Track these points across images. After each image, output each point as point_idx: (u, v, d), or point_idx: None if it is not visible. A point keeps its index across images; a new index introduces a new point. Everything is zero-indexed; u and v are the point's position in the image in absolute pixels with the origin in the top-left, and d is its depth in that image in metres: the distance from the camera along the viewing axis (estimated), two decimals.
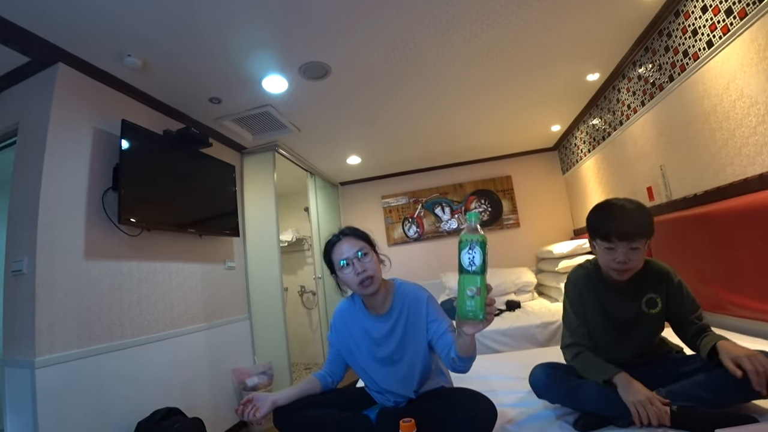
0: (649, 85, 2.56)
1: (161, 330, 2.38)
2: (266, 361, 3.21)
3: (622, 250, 1.22)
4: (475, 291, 0.88)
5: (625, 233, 1.21)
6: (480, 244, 0.89)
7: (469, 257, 0.89)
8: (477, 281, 0.88)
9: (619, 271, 1.26)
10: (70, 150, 2.02)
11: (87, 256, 2.01)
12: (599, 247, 1.29)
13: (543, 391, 1.35)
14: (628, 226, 1.21)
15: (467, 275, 0.89)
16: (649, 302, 1.33)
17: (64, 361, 1.80)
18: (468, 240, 0.90)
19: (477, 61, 2.59)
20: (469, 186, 4.86)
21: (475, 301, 0.88)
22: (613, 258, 1.25)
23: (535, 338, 2.87)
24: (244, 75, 2.40)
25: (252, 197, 3.47)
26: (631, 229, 1.21)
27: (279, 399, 1.36)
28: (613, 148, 3.26)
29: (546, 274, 4.10)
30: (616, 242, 1.22)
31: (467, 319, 0.90)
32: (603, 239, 1.26)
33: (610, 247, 1.25)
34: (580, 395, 1.24)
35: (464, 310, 0.89)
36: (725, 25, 1.86)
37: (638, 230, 1.21)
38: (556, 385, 1.29)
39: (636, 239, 1.21)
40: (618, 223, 1.23)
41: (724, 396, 1.11)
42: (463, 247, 0.90)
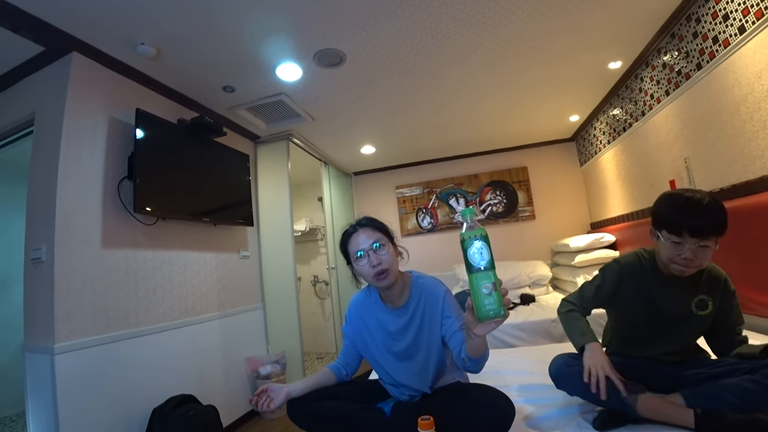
0: (674, 73, 2.46)
1: (176, 318, 2.41)
2: (279, 350, 3.23)
3: (691, 246, 1.14)
4: (491, 287, 0.85)
5: (698, 229, 1.12)
6: (483, 238, 0.86)
7: (476, 255, 0.86)
8: (490, 277, 0.85)
9: (683, 267, 1.19)
10: (86, 139, 2.03)
11: (104, 245, 2.03)
12: (665, 238, 1.20)
13: (562, 382, 1.34)
14: (702, 221, 1.12)
15: (479, 273, 0.86)
16: (699, 303, 1.27)
17: (82, 347, 1.83)
18: (471, 237, 0.86)
19: (497, 52, 2.53)
20: (485, 177, 4.79)
21: (493, 297, 0.85)
22: (678, 253, 1.17)
23: (550, 333, 2.83)
24: (258, 63, 2.37)
25: (266, 187, 3.47)
26: (705, 225, 1.12)
27: (293, 390, 1.36)
28: (634, 139, 3.17)
29: (561, 268, 4.04)
30: (687, 237, 1.13)
31: (488, 318, 0.86)
32: (672, 232, 1.16)
33: (678, 242, 1.16)
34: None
35: (484, 309, 0.85)
36: (759, 9, 1.76)
37: (712, 227, 1.12)
38: (575, 376, 1.25)
39: (708, 237, 1.12)
40: (693, 217, 1.13)
41: (754, 401, 1.06)
42: (467, 245, 0.86)
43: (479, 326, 0.93)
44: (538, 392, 1.57)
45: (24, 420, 2.99)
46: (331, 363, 1.53)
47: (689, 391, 1.15)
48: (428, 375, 1.34)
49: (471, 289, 0.87)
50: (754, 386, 1.06)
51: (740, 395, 1.07)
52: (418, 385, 1.35)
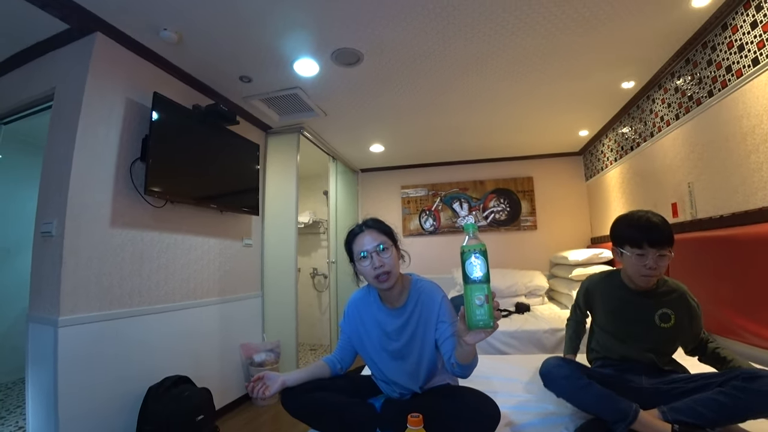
0: (686, 98, 2.49)
1: (177, 300, 2.46)
2: (274, 338, 3.28)
3: (652, 256, 1.34)
4: (483, 299, 0.89)
5: (655, 241, 1.34)
6: (482, 252, 0.90)
7: (473, 267, 0.90)
8: (484, 289, 0.89)
9: (648, 276, 1.38)
10: (103, 118, 2.07)
11: (112, 224, 2.07)
12: (629, 254, 1.40)
13: (550, 383, 1.40)
14: (659, 234, 1.35)
15: (474, 285, 0.90)
16: (662, 316, 1.43)
17: (85, 322, 1.88)
18: (471, 250, 0.90)
19: (513, 65, 2.57)
20: (490, 184, 4.82)
21: (484, 309, 0.89)
22: (643, 264, 1.36)
23: (542, 343, 2.87)
24: (277, 56, 2.41)
25: (274, 177, 3.51)
26: (661, 237, 1.34)
27: (288, 380, 1.40)
28: (640, 159, 3.19)
29: (558, 280, 4.07)
30: (647, 248, 1.35)
31: (478, 328, 0.90)
32: (634, 246, 1.38)
33: (642, 254, 1.36)
34: (585, 394, 1.29)
35: (474, 319, 0.89)
36: None
37: (667, 238, 1.35)
38: (565, 378, 1.34)
39: (664, 246, 1.35)
40: (650, 232, 1.35)
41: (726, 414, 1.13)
42: (466, 257, 0.90)
43: (469, 335, 0.96)
44: (522, 400, 1.61)
45: (20, 388, 3.07)
46: (327, 356, 1.57)
47: (667, 407, 1.21)
48: (420, 375, 1.37)
49: (464, 299, 0.91)
50: (725, 398, 1.13)
51: (713, 408, 1.14)
52: (409, 384, 1.39)
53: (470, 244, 0.91)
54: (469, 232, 0.93)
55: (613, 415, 1.22)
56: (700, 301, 1.47)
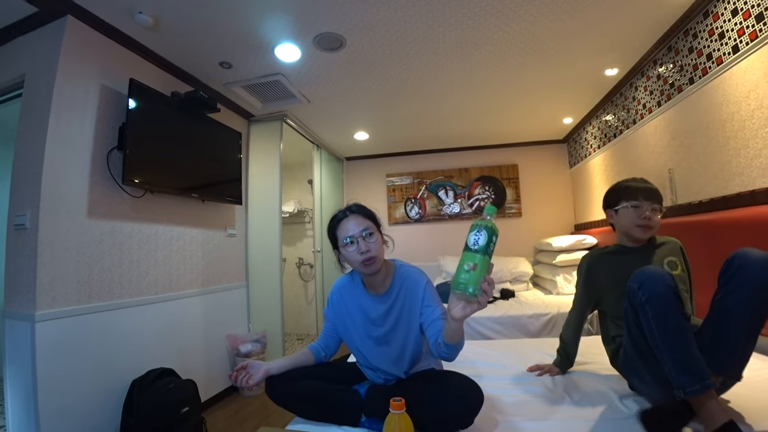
0: (667, 85, 2.51)
1: (159, 292, 2.42)
2: (260, 329, 3.26)
3: (647, 207, 1.43)
4: (471, 266, 0.91)
5: (649, 193, 1.46)
6: (489, 230, 0.92)
7: (474, 238, 0.93)
8: (475, 258, 0.91)
9: (645, 227, 1.44)
10: (77, 106, 2.00)
11: (90, 215, 2.02)
12: (625, 209, 1.48)
13: (655, 284, 1.10)
14: (650, 187, 1.48)
15: (468, 252, 0.93)
16: (670, 264, 1.47)
17: (64, 316, 1.84)
18: (480, 225, 0.94)
19: (498, 50, 2.55)
20: (475, 171, 4.83)
21: (470, 275, 0.91)
22: (639, 215, 1.44)
23: (527, 328, 2.92)
24: (258, 41, 2.35)
25: (257, 166, 3.45)
26: (653, 192, 1.46)
27: (272, 368, 1.39)
28: (623, 146, 3.23)
29: (543, 266, 4.13)
30: (642, 201, 1.44)
31: (457, 289, 0.92)
32: (630, 198, 1.47)
33: (637, 205, 1.45)
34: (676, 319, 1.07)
35: (457, 281, 0.92)
36: (754, 31, 1.80)
37: (657, 196, 1.47)
38: (669, 287, 1.10)
39: (656, 201, 1.45)
40: (644, 186, 1.48)
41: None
42: (473, 229, 0.94)
43: (456, 308, 0.96)
44: (506, 383, 1.63)
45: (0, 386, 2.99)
46: (311, 344, 1.57)
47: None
48: (404, 361, 1.37)
49: (458, 264, 0.94)
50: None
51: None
52: (394, 370, 1.39)
53: (482, 221, 0.94)
54: (489, 213, 0.96)
55: (689, 371, 1.01)
56: None
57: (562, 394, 1.47)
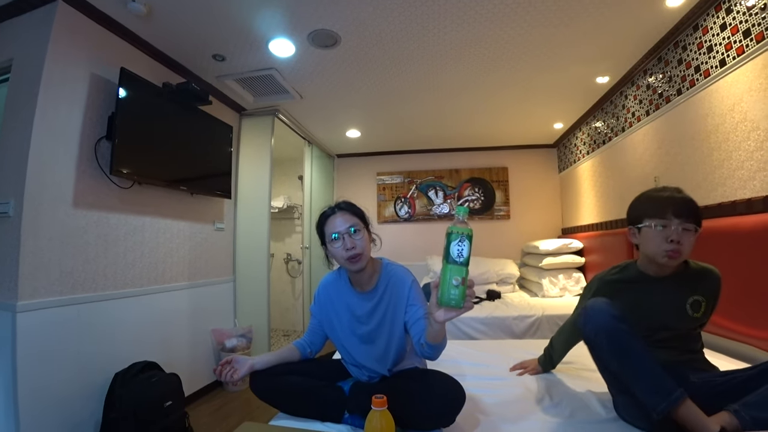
0: (656, 95, 2.56)
1: (145, 285, 2.39)
2: (247, 324, 3.25)
3: (676, 228, 1.17)
4: (460, 281, 0.91)
5: (680, 209, 1.19)
6: (468, 237, 0.93)
7: (458, 249, 0.92)
8: (463, 272, 0.91)
9: (672, 252, 1.18)
10: (65, 93, 1.96)
11: (75, 205, 1.99)
12: (650, 229, 1.22)
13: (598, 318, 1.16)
14: (683, 202, 1.21)
15: (454, 265, 0.92)
16: (694, 305, 1.25)
17: (47, 307, 1.81)
18: (458, 232, 0.93)
19: (492, 54, 2.57)
20: (465, 173, 4.86)
21: (459, 290, 0.91)
22: (666, 236, 1.18)
23: (511, 330, 2.95)
24: (252, 35, 2.33)
25: (247, 160, 3.43)
26: (685, 208, 1.20)
27: (257, 363, 1.40)
28: (611, 153, 3.28)
29: (529, 269, 4.17)
30: (672, 218, 1.18)
31: (448, 305, 0.92)
32: (657, 216, 1.21)
33: (664, 224, 1.19)
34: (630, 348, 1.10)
35: (447, 297, 0.92)
36: (741, 46, 1.85)
37: (692, 212, 1.20)
38: (614, 318, 1.13)
39: (689, 219, 1.18)
40: (675, 200, 1.21)
41: None
42: (453, 238, 0.93)
43: (440, 312, 0.97)
44: (489, 383, 1.65)
45: None
46: (297, 340, 1.57)
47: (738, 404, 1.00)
48: (388, 359, 1.38)
49: (441, 276, 0.93)
50: None
51: None
52: (378, 367, 1.40)
53: (459, 227, 0.93)
54: (459, 216, 0.95)
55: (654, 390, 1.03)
56: None
57: (543, 395, 1.49)
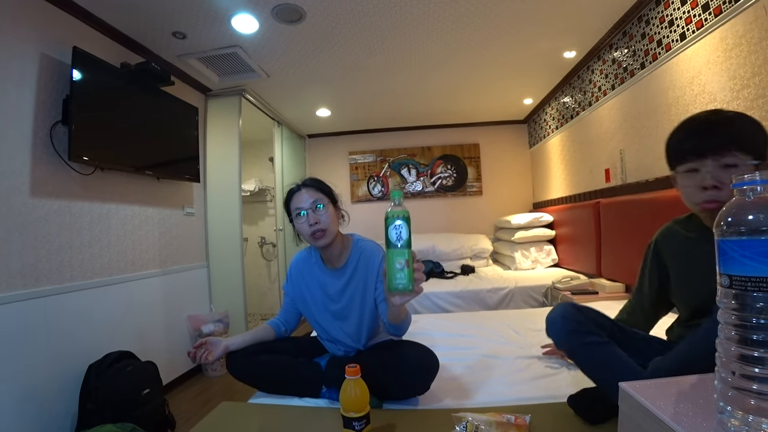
0: (621, 69, 2.61)
1: (114, 273, 2.33)
2: (223, 309, 3.22)
3: (709, 170, 0.90)
4: (403, 263, 0.91)
5: (707, 144, 0.90)
6: (405, 219, 0.93)
7: (396, 232, 0.92)
8: (405, 254, 0.92)
9: (707, 203, 0.92)
10: (12, 76, 1.83)
11: (33, 193, 1.89)
12: (680, 176, 0.98)
13: (552, 330, 1.15)
14: (708, 134, 0.91)
15: (395, 250, 0.92)
16: None
17: (9, 301, 1.73)
18: (394, 216, 0.92)
19: (459, 24, 2.54)
20: (437, 150, 4.88)
21: (404, 273, 0.91)
22: (699, 184, 0.92)
23: (485, 302, 3.04)
24: (213, 10, 2.23)
25: (215, 142, 3.33)
26: (716, 138, 0.89)
27: (231, 344, 1.40)
28: (579, 127, 3.35)
29: (502, 243, 4.27)
30: (698, 160, 0.92)
31: (397, 290, 0.93)
32: (679, 160, 0.97)
33: (694, 168, 0.93)
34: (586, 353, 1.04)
35: (394, 282, 0.92)
36: (700, 20, 1.90)
37: (725, 137, 0.88)
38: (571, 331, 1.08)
39: (723, 151, 0.88)
40: (696, 133, 0.93)
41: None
42: (390, 223, 0.93)
43: (396, 297, 0.99)
44: (460, 352, 1.71)
45: None
46: (271, 319, 1.58)
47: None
48: (361, 334, 1.41)
49: (386, 262, 0.93)
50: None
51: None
52: (352, 342, 1.43)
53: (395, 210, 0.93)
54: (395, 199, 0.95)
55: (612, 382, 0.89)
56: (628, 258, 1.37)
57: (515, 358, 1.55)
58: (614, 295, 2.57)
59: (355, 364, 1.02)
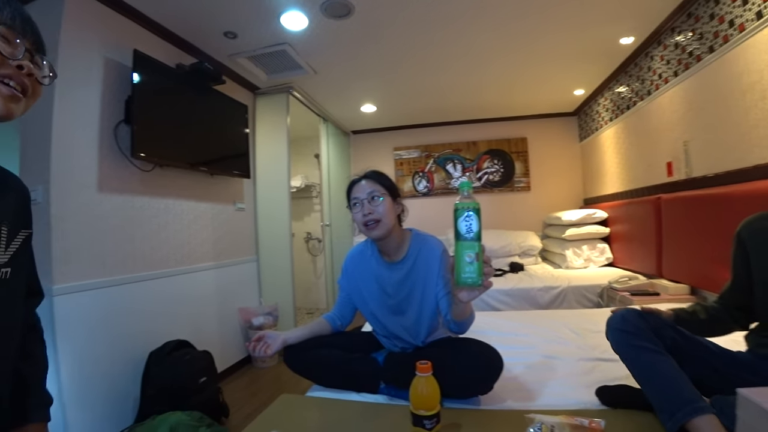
0: (685, 54, 2.43)
1: (171, 266, 2.43)
2: (272, 302, 3.30)
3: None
4: (473, 257, 0.88)
5: None
6: (475, 211, 0.90)
7: (466, 225, 0.89)
8: (475, 247, 0.88)
9: None
10: (81, 79, 1.96)
11: (100, 189, 2.01)
12: None
13: (609, 328, 1.13)
14: None
15: (465, 242, 0.89)
16: None
17: (80, 290, 1.86)
18: (464, 207, 0.90)
19: (507, 13, 2.45)
20: (483, 144, 4.77)
21: (474, 267, 0.88)
22: None
23: (536, 301, 2.94)
24: (263, 8, 2.28)
25: (264, 139, 3.42)
26: None
27: (289, 338, 1.42)
28: (636, 118, 3.16)
29: (551, 240, 4.12)
30: None
31: (466, 285, 0.90)
32: None
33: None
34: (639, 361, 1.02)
35: (462, 276, 0.89)
36: None
37: None
38: (623, 331, 1.07)
39: None
40: None
41: None
42: (459, 214, 0.90)
43: (462, 292, 0.96)
44: (517, 351, 1.65)
45: None
46: (327, 313, 1.58)
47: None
48: (420, 329, 1.37)
49: (455, 255, 0.90)
50: None
51: None
52: (410, 338, 1.40)
53: (464, 202, 0.90)
54: (463, 191, 0.92)
55: (665, 402, 0.93)
56: (693, 258, 1.30)
57: (575, 360, 1.48)
58: (677, 296, 2.40)
59: (426, 360, 1.00)
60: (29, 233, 0.83)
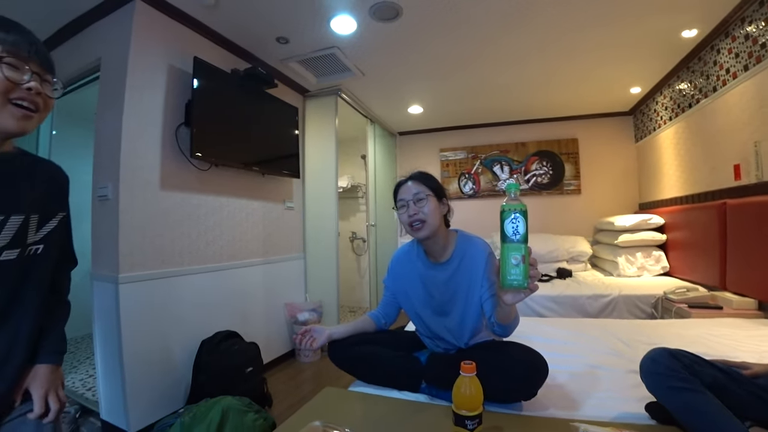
0: (757, 46, 2.25)
1: (224, 261, 2.56)
2: (317, 299, 3.39)
3: None
4: (519, 259, 0.88)
5: None
6: (522, 213, 0.89)
7: (513, 226, 0.89)
8: (522, 249, 0.88)
9: None
10: (147, 85, 2.12)
11: (162, 186, 2.16)
12: None
13: (642, 372, 1.11)
14: None
15: (511, 244, 0.89)
16: None
17: (142, 279, 2.01)
18: (511, 209, 0.89)
19: (559, 7, 2.36)
20: (532, 146, 4.64)
21: (520, 269, 0.88)
22: None
23: (585, 309, 2.82)
24: (313, 14, 2.35)
25: (312, 140, 3.52)
26: None
27: (335, 333, 1.46)
28: (699, 117, 2.96)
29: (603, 246, 3.94)
30: None
31: (511, 287, 0.89)
32: None
33: None
34: (675, 398, 1.00)
35: (508, 278, 0.89)
36: None
37: None
38: (656, 374, 1.05)
39: None
40: None
41: None
42: (506, 216, 0.90)
43: (507, 295, 0.95)
44: (563, 359, 1.60)
45: (87, 342, 3.34)
46: (371, 311, 1.61)
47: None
48: (464, 331, 1.37)
49: (501, 257, 0.90)
50: None
51: None
52: (454, 339, 1.40)
53: (511, 204, 0.90)
54: (510, 192, 0.92)
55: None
56: (763, 270, 1.22)
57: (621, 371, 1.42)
58: (743, 312, 2.23)
59: (471, 361, 1.00)
60: (64, 215, 0.96)
